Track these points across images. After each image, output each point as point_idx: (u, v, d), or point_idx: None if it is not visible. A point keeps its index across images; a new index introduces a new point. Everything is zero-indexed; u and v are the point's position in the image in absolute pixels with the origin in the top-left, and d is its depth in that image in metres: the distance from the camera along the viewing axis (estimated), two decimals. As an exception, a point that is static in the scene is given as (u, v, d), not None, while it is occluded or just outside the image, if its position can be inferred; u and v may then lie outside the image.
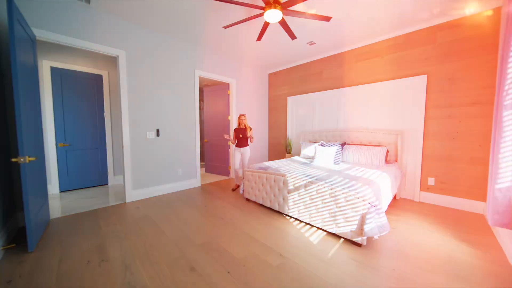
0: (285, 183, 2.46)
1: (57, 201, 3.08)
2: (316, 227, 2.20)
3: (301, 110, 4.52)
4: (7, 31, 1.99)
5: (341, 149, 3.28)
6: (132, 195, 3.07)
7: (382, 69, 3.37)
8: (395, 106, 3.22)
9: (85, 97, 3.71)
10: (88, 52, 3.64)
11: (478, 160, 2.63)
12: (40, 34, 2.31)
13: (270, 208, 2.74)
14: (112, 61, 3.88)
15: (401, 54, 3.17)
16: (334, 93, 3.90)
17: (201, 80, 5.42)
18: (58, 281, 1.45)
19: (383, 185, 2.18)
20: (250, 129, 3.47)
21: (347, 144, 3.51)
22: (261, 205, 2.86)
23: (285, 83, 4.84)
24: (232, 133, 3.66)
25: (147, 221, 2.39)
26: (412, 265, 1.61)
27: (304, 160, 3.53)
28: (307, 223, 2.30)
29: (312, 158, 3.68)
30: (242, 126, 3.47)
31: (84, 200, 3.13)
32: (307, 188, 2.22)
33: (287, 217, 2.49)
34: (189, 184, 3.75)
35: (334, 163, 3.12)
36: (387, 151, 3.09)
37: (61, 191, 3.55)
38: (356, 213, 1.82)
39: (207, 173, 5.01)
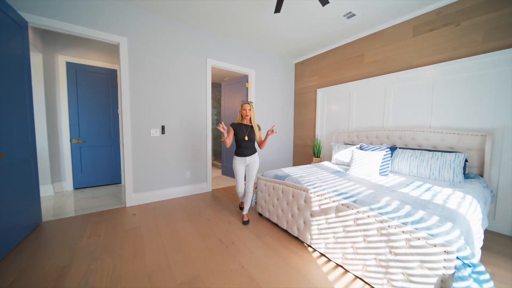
0: (308, 200, 1.76)
1: (64, 200, 2.96)
2: (354, 275, 1.45)
3: (333, 104, 3.68)
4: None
5: (390, 155, 2.40)
6: (133, 199, 2.76)
7: (457, 42, 2.35)
8: (478, 94, 2.19)
9: (100, 92, 3.60)
10: (102, 46, 3.52)
11: None
12: (33, 20, 2.11)
13: (287, 231, 2.07)
14: (127, 55, 3.70)
15: (490, 17, 2.12)
16: (380, 81, 2.98)
17: (219, 73, 5.01)
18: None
19: (473, 219, 1.31)
20: (259, 128, 2.28)
21: (400, 148, 2.59)
22: (276, 225, 2.21)
23: (314, 72, 4.04)
24: (229, 133, 2.19)
25: (134, 235, 1.98)
26: None
27: (336, 168, 2.74)
28: (338, 265, 1.56)
29: (348, 165, 2.85)
30: (247, 121, 2.22)
31: (88, 201, 2.95)
32: (340, 214, 1.49)
33: (309, 249, 1.78)
34: (198, 189, 3.32)
35: (381, 173, 2.26)
36: (466, 160, 2.11)
37: (75, 188, 3.50)
38: (432, 272, 1.03)
39: (223, 176, 4.55)
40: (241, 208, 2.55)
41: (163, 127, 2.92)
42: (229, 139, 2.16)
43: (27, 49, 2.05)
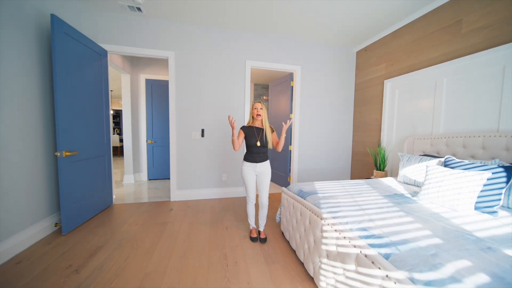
0: (324, 233, 1.27)
1: (137, 188, 3.72)
2: None
3: (408, 98, 2.67)
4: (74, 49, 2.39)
5: (505, 179, 1.41)
6: (176, 194, 3.07)
7: None
8: None
9: (166, 101, 4.31)
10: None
11: None
12: (112, 48, 2.73)
13: (303, 265, 1.61)
14: (187, 67, 4.25)
15: None
16: (494, 56, 1.85)
17: (269, 74, 4.86)
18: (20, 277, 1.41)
19: None
20: (273, 130, 1.95)
21: (530, 167, 1.48)
22: (295, 252, 1.78)
23: (382, 59, 3.10)
24: (239, 135, 1.91)
25: (158, 230, 2.15)
26: None
27: (398, 189, 1.92)
28: None
29: (420, 186, 1.96)
30: (259, 123, 1.92)
31: (150, 191, 3.55)
32: (361, 270, 0.95)
33: (326, 301, 1.28)
34: (234, 192, 3.29)
35: (479, 208, 1.37)
36: None
37: (149, 179, 4.35)
38: None
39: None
40: (252, 239, 1.98)
41: (202, 131, 3.09)
42: (238, 142, 1.83)
43: (105, 70, 2.68)
